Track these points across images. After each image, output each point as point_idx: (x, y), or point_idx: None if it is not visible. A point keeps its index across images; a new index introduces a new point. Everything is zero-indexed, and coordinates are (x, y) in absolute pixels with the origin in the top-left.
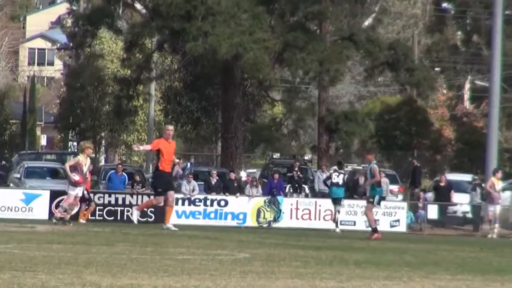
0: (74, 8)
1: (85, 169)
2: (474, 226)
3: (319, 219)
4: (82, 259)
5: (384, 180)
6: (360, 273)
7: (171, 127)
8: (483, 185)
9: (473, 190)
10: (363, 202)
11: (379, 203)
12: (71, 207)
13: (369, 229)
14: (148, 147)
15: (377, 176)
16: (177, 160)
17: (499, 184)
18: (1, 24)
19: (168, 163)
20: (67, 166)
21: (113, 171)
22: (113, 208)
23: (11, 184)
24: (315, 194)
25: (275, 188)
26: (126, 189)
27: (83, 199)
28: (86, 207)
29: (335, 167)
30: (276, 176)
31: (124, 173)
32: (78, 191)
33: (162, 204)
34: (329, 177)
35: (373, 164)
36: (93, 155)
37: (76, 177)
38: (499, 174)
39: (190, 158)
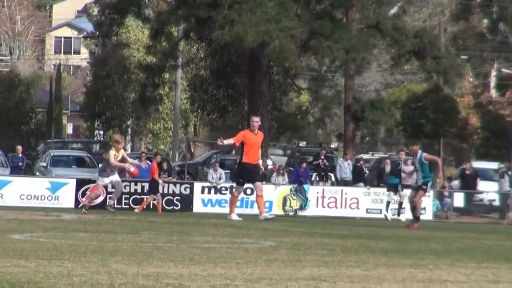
0: None
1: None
2: (501, 214)
3: (345, 207)
4: (108, 248)
5: (410, 168)
6: (386, 261)
7: (256, 118)
8: (509, 172)
9: (501, 177)
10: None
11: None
12: (96, 196)
13: (395, 217)
14: (231, 140)
15: (432, 157)
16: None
17: None
18: (27, 13)
19: (253, 155)
20: (114, 162)
21: (137, 159)
22: (139, 197)
23: (37, 173)
24: (338, 182)
25: (301, 176)
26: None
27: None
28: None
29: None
30: (304, 164)
31: (148, 162)
32: (108, 181)
33: (237, 195)
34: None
35: (421, 152)
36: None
37: (131, 168)
38: None
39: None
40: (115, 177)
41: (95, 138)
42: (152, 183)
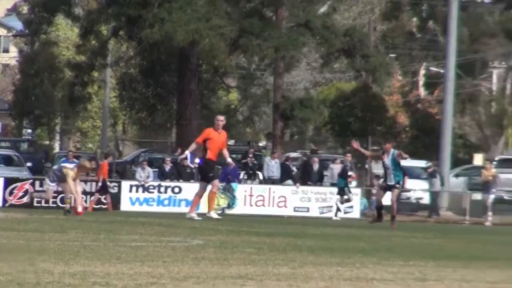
0: None
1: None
2: (430, 212)
3: (273, 206)
4: (35, 246)
5: (338, 167)
6: (313, 259)
7: (221, 117)
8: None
9: (432, 176)
10: (317, 189)
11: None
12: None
13: (323, 215)
14: (193, 146)
15: (403, 156)
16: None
17: (491, 171)
18: None
19: (215, 152)
20: (70, 181)
21: (64, 158)
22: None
23: None
24: (266, 181)
25: (230, 174)
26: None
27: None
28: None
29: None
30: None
31: (75, 160)
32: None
33: (201, 194)
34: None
35: (393, 151)
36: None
37: (79, 208)
38: (488, 166)
39: (149, 145)
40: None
41: (23, 137)
42: (104, 183)
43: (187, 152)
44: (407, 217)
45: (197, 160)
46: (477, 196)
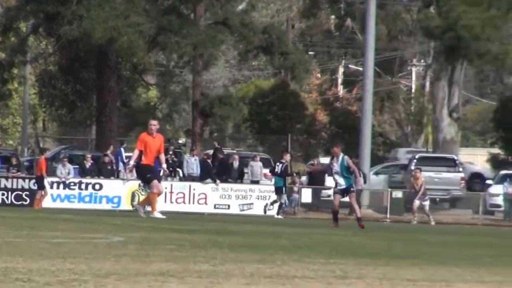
0: None
1: None
2: (350, 210)
3: (193, 203)
4: None
5: (258, 164)
6: (234, 256)
7: (154, 122)
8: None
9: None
10: (237, 186)
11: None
12: None
13: (243, 212)
14: (135, 154)
15: (353, 166)
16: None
17: (421, 179)
18: None
19: (151, 157)
20: None
21: None
22: None
23: None
24: (186, 178)
25: None
26: (1, 172)
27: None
28: None
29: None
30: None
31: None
32: None
33: (162, 191)
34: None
35: (343, 155)
36: None
37: None
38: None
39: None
40: None
41: None
42: (40, 178)
43: (132, 162)
44: (328, 215)
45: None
46: (398, 194)
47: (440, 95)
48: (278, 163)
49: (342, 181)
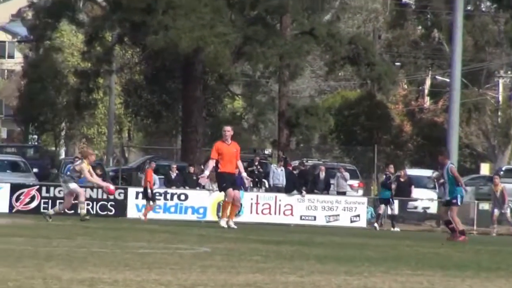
0: (34, 0)
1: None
2: (437, 222)
3: (279, 214)
4: (42, 253)
5: (345, 175)
6: (321, 268)
7: (228, 128)
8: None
9: (442, 185)
10: (323, 197)
11: (461, 202)
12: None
13: (330, 224)
14: (210, 164)
15: (456, 174)
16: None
17: (500, 185)
18: None
19: (228, 165)
20: (91, 178)
21: (71, 164)
22: (73, 202)
23: None
24: (271, 189)
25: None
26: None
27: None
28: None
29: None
30: (236, 170)
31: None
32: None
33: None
34: (388, 179)
35: (449, 164)
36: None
37: (111, 186)
38: (497, 180)
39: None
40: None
41: (29, 143)
42: (145, 190)
43: (207, 172)
44: (414, 227)
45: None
46: (484, 206)
47: None
48: (383, 174)
49: (447, 191)
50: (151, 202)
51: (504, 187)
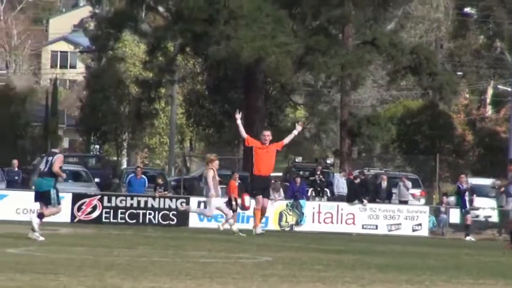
0: (97, 11)
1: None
2: (499, 230)
3: (341, 223)
4: (103, 262)
5: (407, 184)
6: (382, 277)
7: (267, 132)
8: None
9: (503, 194)
10: (385, 206)
11: None
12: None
13: (391, 233)
14: (243, 131)
15: None
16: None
17: None
18: (23, 27)
19: (262, 168)
20: (210, 182)
21: (132, 174)
22: (134, 211)
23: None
24: (334, 198)
25: (297, 191)
26: (146, 192)
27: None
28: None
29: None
30: (298, 179)
31: (143, 176)
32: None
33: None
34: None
35: None
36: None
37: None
38: None
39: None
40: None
41: (91, 153)
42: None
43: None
44: (476, 235)
45: None
46: None
47: None
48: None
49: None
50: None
51: None
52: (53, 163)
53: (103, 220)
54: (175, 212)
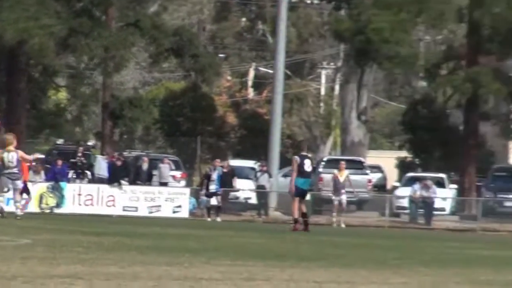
0: None
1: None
2: (258, 212)
3: (102, 205)
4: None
5: (167, 166)
6: (142, 259)
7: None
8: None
9: (262, 175)
10: (145, 188)
11: None
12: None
13: (152, 214)
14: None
15: None
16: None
17: (343, 175)
18: None
19: None
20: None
21: None
22: None
23: None
24: (95, 180)
25: (58, 174)
26: None
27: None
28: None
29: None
30: (59, 162)
31: None
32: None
33: None
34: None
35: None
36: None
37: None
38: (342, 166)
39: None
40: None
41: None
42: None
43: None
44: (236, 217)
45: None
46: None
47: (349, 98)
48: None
49: None
50: None
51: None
52: None
53: None
54: None
